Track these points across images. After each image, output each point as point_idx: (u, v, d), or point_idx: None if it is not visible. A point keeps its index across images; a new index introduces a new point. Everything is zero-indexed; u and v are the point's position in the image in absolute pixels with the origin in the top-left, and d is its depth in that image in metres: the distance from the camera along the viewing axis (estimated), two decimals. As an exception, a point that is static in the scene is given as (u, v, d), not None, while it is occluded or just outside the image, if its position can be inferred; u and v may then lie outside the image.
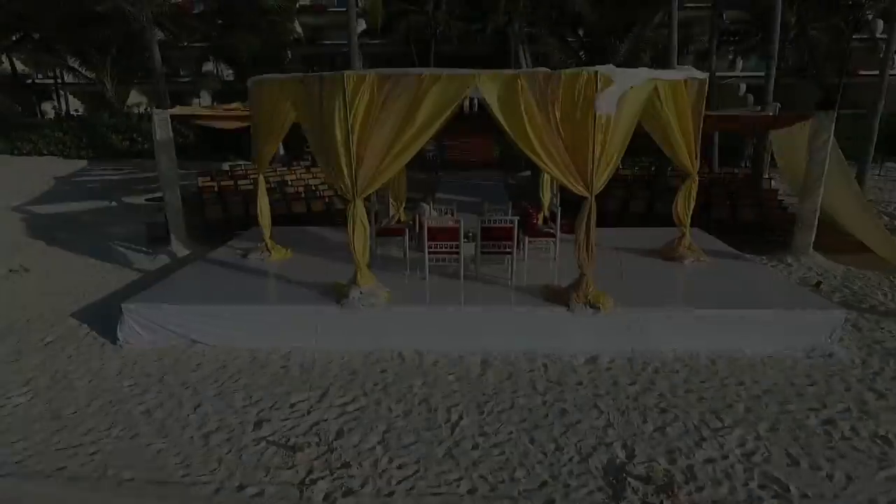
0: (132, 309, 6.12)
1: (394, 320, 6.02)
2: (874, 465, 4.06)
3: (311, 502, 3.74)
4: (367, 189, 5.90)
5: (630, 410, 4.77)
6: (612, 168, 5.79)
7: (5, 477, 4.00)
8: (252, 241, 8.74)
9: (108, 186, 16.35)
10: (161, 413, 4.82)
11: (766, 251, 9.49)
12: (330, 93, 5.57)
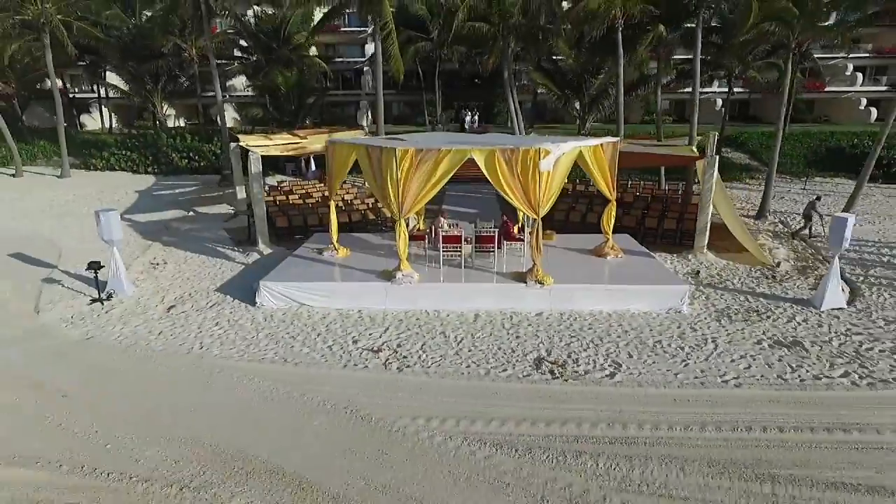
0: (264, 284, 10.15)
1: (422, 291, 10.06)
2: (674, 360, 8.08)
3: (389, 370, 7.79)
4: (406, 214, 9.94)
5: (553, 336, 8.81)
6: (552, 201, 9.82)
7: (241, 361, 8.05)
8: (317, 243, 12.76)
9: (180, 198, 20.39)
10: (298, 338, 8.86)
11: (676, 251, 13.49)
12: (387, 159, 9.60)
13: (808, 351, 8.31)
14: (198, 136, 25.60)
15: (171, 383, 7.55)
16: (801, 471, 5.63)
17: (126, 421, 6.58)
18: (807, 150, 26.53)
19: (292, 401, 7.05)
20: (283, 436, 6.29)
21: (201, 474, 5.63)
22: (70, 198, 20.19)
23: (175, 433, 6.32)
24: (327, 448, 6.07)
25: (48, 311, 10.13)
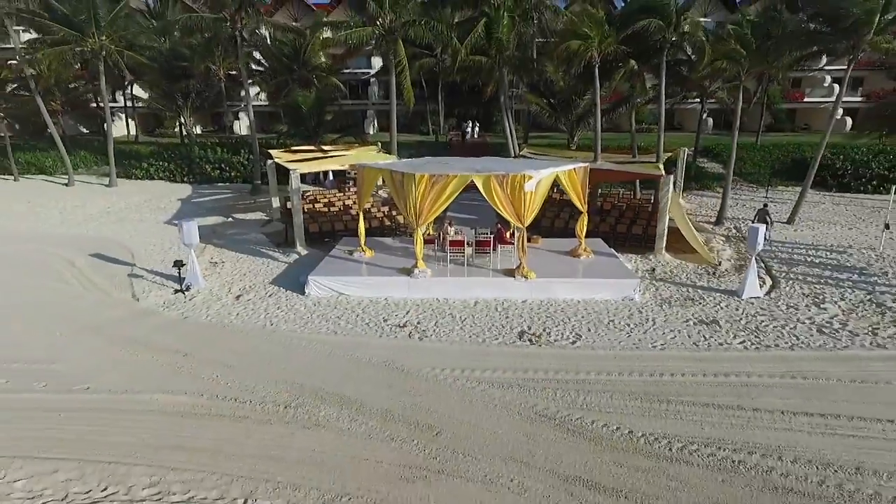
0: (312, 278, 13.08)
1: (434, 284, 12.98)
2: (621, 333, 10.99)
3: (412, 339, 10.72)
4: (422, 224, 12.86)
5: (534, 317, 11.73)
6: (534, 214, 12.72)
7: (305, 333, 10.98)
8: (346, 245, 15.68)
9: (218, 206, 23.33)
10: (342, 319, 11.79)
11: (641, 252, 16.42)
12: (408, 182, 12.51)
13: (721, 327, 11.24)
14: (226, 148, 28.55)
15: (256, 347, 10.49)
16: (689, 398, 8.56)
17: (235, 370, 9.51)
18: (774, 161, 29.42)
19: (346, 359, 9.98)
20: (344, 379, 9.22)
21: (296, 399, 8.57)
22: (123, 205, 23.14)
23: (271, 377, 9.25)
24: (375, 386, 9.00)
25: (145, 299, 13.07)
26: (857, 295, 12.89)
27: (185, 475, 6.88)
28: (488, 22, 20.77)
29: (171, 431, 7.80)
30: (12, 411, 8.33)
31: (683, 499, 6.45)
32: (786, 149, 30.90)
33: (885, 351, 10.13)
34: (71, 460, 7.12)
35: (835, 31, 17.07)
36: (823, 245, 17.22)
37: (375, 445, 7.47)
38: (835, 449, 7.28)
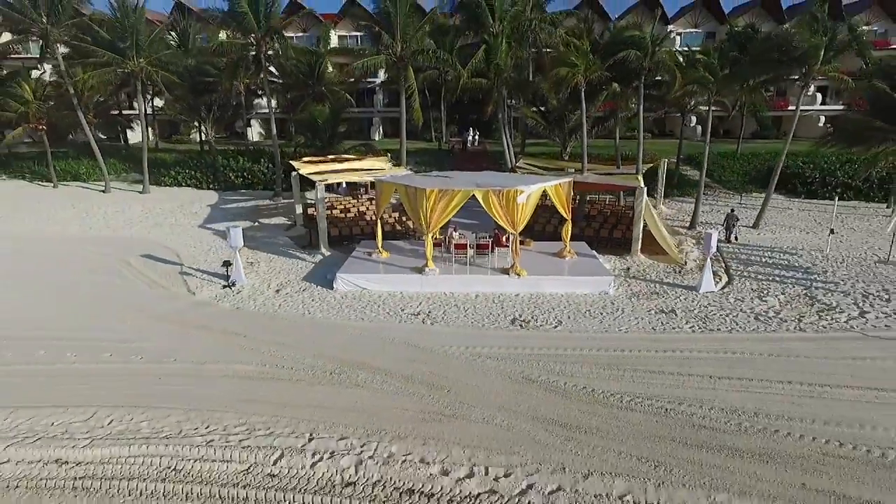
0: (340, 275, 15.60)
1: (442, 281, 15.50)
2: (594, 319, 13.52)
3: (426, 325, 13.24)
4: (432, 231, 15.38)
5: (524, 307, 14.25)
6: (525, 222, 15.24)
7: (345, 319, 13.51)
8: (365, 247, 18.19)
9: (244, 211, 25.85)
10: (367, 308, 14.31)
11: (620, 253, 18.93)
12: (420, 195, 15.03)
13: (677, 315, 13.76)
14: (247, 157, 31.08)
15: (300, 330, 13.01)
16: (641, 368, 11.06)
17: (286, 347, 12.02)
18: (750, 169, 31.91)
19: (373, 339, 12.50)
20: (373, 354, 11.73)
21: (337, 368, 11.08)
22: (158, 210, 25.67)
23: (316, 352, 11.76)
24: (398, 359, 11.51)
25: (200, 292, 15.60)
26: (795, 290, 15.41)
27: (263, 418, 9.39)
28: (487, 48, 23.30)
29: (247, 390, 10.32)
30: (123, 376, 10.86)
31: (626, 432, 8.96)
32: (763, 157, 33.34)
33: (804, 334, 12.66)
34: (178, 409, 9.64)
35: (790, 61, 19.57)
36: (779, 247, 19.73)
37: (401, 399, 10.00)
38: (743, 401, 9.79)
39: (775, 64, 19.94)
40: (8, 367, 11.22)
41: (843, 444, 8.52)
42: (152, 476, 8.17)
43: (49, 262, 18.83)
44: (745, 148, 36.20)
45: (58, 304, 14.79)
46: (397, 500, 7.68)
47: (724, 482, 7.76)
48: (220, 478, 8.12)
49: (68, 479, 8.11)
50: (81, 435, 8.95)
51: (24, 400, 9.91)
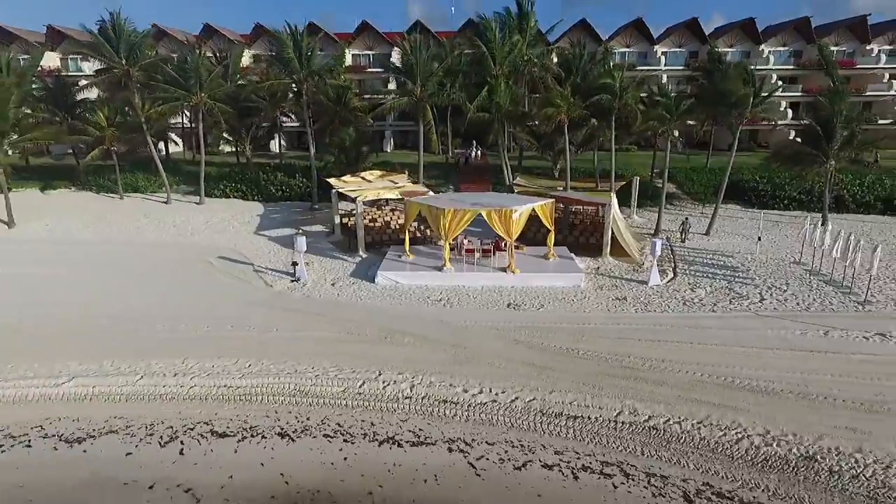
0: (380, 272, 20.88)
1: (456, 276, 20.76)
2: (567, 304, 18.77)
3: (446, 308, 18.50)
4: (449, 239, 20.64)
5: (517, 296, 19.50)
6: (518, 232, 20.50)
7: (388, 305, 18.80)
8: (395, 251, 23.42)
9: (287, 220, 31.08)
10: (402, 297, 19.58)
11: (593, 256, 24.13)
12: (439, 213, 20.29)
13: (628, 301, 19.00)
14: (284, 172, 36.34)
15: (356, 311, 18.25)
16: (596, 334, 16.29)
17: (351, 322, 17.27)
18: (716, 182, 36.98)
19: (410, 317, 17.76)
20: (412, 326, 16.95)
21: (389, 335, 16.32)
22: (217, 220, 30.94)
23: (372, 325, 16.99)
24: (429, 329, 16.75)
25: (275, 286, 20.87)
26: (720, 283, 20.63)
27: (347, 363, 14.61)
28: (490, 88, 28.49)
29: (332, 348, 15.58)
30: (245, 339, 16.13)
31: (579, 370, 14.18)
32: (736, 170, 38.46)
33: (713, 313, 17.90)
34: (290, 358, 14.87)
35: (727, 105, 24.78)
36: (721, 251, 24.94)
37: (434, 353, 15.25)
38: (657, 353, 15.02)
39: (717, 107, 25.14)
40: (165, 334, 16.51)
41: (709, 376, 13.79)
42: (286, 393, 13.45)
43: (147, 263, 24.11)
44: (716, 161, 41.29)
45: (173, 295, 20.08)
46: (436, 406, 12.94)
47: (632, 395, 13.01)
48: (327, 394, 13.40)
49: (234, 396, 13.39)
50: (235, 372, 14.25)
51: (187, 353, 15.17)
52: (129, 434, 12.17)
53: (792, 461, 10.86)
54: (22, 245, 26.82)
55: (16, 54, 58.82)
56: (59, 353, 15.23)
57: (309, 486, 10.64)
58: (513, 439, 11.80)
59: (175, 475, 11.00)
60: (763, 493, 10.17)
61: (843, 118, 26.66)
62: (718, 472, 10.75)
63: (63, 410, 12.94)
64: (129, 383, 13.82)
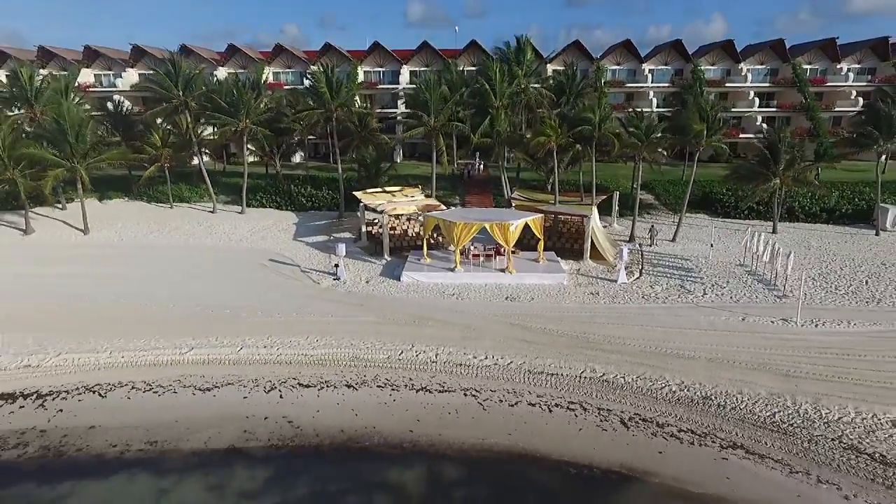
0: (405, 273, 26.31)
1: (465, 276, 26.19)
2: (551, 297, 24.19)
3: (458, 300, 23.93)
4: (459, 246, 26.06)
5: (513, 291, 24.92)
6: (515, 241, 25.91)
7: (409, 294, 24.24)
8: (415, 255, 28.84)
9: (319, 228, 36.45)
10: (424, 292, 24.99)
11: (576, 259, 29.51)
12: (452, 225, 25.72)
13: (599, 295, 24.42)
14: (312, 185, 41.73)
15: (389, 302, 23.66)
16: (571, 319, 21.70)
17: (387, 310, 22.68)
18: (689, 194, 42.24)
19: (431, 307, 23.16)
20: (433, 314, 22.34)
21: (417, 319, 21.71)
22: (259, 227, 36.33)
23: (404, 313, 22.39)
24: (447, 315, 22.15)
25: (322, 283, 26.29)
26: (674, 282, 26.01)
27: (389, 339, 20.01)
28: (491, 118, 33.85)
29: (375, 328, 20.97)
30: (310, 322, 21.53)
31: (557, 344, 19.58)
32: (700, 184, 43.73)
33: (663, 304, 23.31)
34: (346, 336, 20.27)
35: (686, 137, 30.13)
36: (681, 255, 30.31)
37: (451, 332, 20.65)
38: (616, 332, 20.41)
39: (678, 138, 30.51)
40: (250, 319, 21.91)
41: (650, 348, 19.21)
42: (346, 359, 18.87)
43: (210, 263, 29.52)
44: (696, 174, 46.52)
45: (244, 290, 25.49)
46: (454, 367, 18.36)
47: (593, 360, 18.43)
48: (376, 360, 18.83)
49: (311, 361, 18.82)
50: (308, 345, 19.68)
51: (271, 333, 20.58)
52: (242, 385, 17.60)
53: (695, 400, 16.28)
54: (103, 249, 32.27)
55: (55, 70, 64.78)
56: (172, 332, 20.66)
57: (367, 423, 15.88)
58: (508, 388, 17.22)
59: (279, 411, 16.42)
60: (672, 418, 15.58)
61: (787, 144, 32.06)
62: (646, 407, 16.16)
63: (191, 370, 18.37)
64: (233, 353, 19.27)
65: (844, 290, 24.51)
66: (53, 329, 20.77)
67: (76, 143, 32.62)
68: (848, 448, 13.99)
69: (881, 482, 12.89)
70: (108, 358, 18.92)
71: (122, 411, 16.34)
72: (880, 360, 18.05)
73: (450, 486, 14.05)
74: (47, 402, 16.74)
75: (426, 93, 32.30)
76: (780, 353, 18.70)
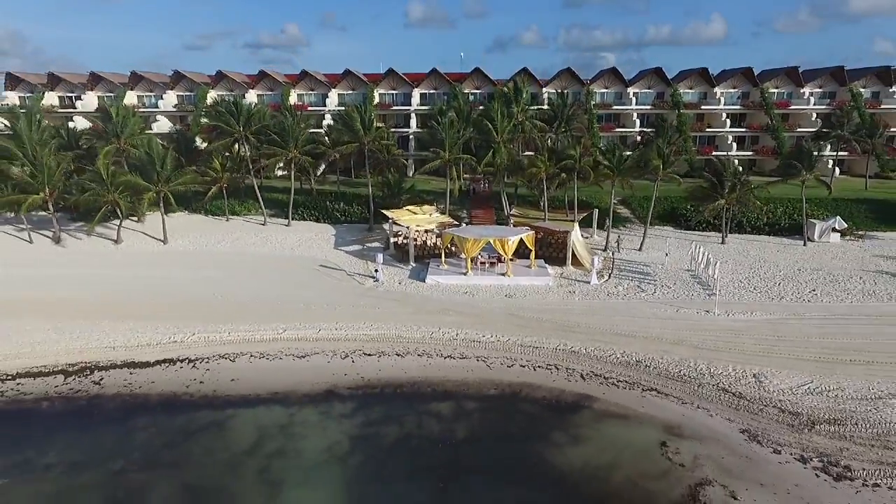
0: (429, 276, 34.53)
1: (474, 278, 34.42)
2: (539, 295, 32.43)
3: (471, 297, 32.14)
4: (469, 255, 34.26)
5: (511, 290, 33.13)
6: (512, 251, 34.13)
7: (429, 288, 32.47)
8: (435, 262, 37.03)
9: (353, 238, 44.61)
10: (446, 292, 33.19)
11: (561, 265, 37.68)
12: (465, 240, 33.94)
13: (575, 294, 32.63)
14: (344, 201, 49.91)
15: (419, 299, 31.85)
16: (553, 311, 29.91)
17: (419, 303, 30.87)
18: (660, 210, 50.31)
19: (449, 301, 31.36)
20: (451, 307, 30.52)
21: (440, 311, 29.91)
22: (305, 238, 44.48)
23: (430, 307, 30.58)
24: (463, 307, 30.34)
25: (366, 284, 34.51)
26: (633, 283, 34.18)
27: (421, 323, 28.18)
28: (494, 151, 42.03)
29: (410, 317, 29.16)
30: (363, 313, 29.74)
31: (542, 328, 27.76)
32: (669, 200, 51.80)
33: (622, 300, 31.52)
34: (390, 322, 28.47)
35: (648, 168, 38.29)
36: (643, 262, 38.47)
37: (466, 319, 28.83)
38: (585, 321, 28.59)
39: (641, 169, 38.68)
40: (320, 311, 30.06)
41: (607, 330, 27.43)
42: (392, 338, 27.10)
43: (272, 268, 37.70)
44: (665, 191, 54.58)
45: (306, 290, 33.65)
46: (469, 342, 26.60)
47: (566, 338, 26.66)
48: (414, 338, 27.05)
49: (369, 339, 27.07)
50: (365, 327, 27.92)
51: (338, 319, 28.77)
52: (325, 354, 25.80)
53: (631, 363, 24.48)
54: (184, 256, 40.50)
55: (104, 93, 73.11)
56: (265, 319, 28.83)
57: (413, 377, 24.09)
58: (506, 356, 25.43)
59: (353, 370, 24.60)
60: (614, 374, 23.77)
61: (731, 173, 40.20)
62: (598, 367, 24.35)
63: (288, 345, 26.55)
64: (315, 333, 27.48)
65: (760, 289, 32.70)
66: (183, 317, 29.00)
67: (161, 171, 40.81)
68: (721, 390, 22.20)
69: (734, 407, 21.07)
70: (228, 336, 27.15)
71: (249, 370, 24.55)
72: (762, 337, 26.24)
73: (470, 410, 22.18)
74: (197, 364, 24.96)
75: (443, 132, 40.50)
76: (696, 333, 26.90)
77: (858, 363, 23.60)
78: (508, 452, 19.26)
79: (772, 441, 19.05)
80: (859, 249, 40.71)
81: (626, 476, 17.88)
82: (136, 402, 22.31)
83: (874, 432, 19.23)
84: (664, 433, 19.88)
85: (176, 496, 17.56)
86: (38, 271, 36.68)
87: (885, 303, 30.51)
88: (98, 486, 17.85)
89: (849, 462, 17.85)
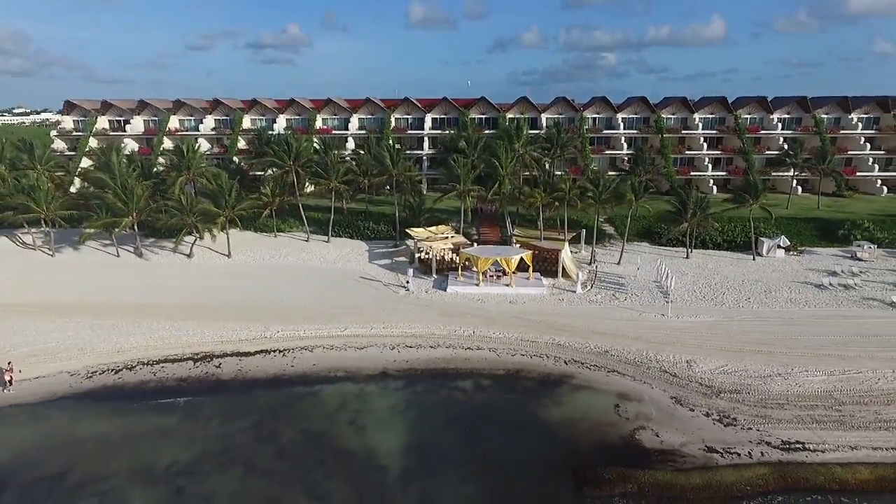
0: (449, 286, 43.93)
1: (485, 288, 43.82)
2: (535, 301, 41.80)
3: (481, 304, 41.53)
4: (481, 270, 43.65)
5: (513, 298, 42.49)
6: (515, 266, 43.52)
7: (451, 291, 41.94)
8: (453, 274, 46.40)
9: (383, 254, 53.95)
10: (463, 298, 42.58)
11: (553, 277, 47.01)
12: (478, 258, 43.33)
13: (564, 300, 42.01)
14: (372, 219, 59.27)
15: (442, 304, 41.24)
16: (545, 314, 39.27)
17: (443, 308, 40.24)
18: (638, 228, 59.37)
19: (467, 306, 40.74)
20: (467, 312, 39.86)
21: (462, 313, 39.31)
22: (343, 253, 53.82)
23: (452, 311, 39.94)
24: (474, 312, 39.68)
25: (399, 293, 43.90)
26: (609, 292, 43.52)
27: (446, 323, 37.53)
28: (499, 182, 51.41)
29: (436, 318, 38.54)
30: (402, 316, 39.10)
31: (537, 327, 37.15)
32: (647, 218, 60.86)
33: (598, 306, 40.90)
34: (422, 322, 37.81)
35: (623, 199, 47.61)
36: (619, 274, 47.77)
37: (478, 320, 38.18)
38: (570, 320, 37.92)
39: (618, 198, 48.03)
40: (369, 315, 39.48)
41: (585, 329, 36.84)
42: (426, 335, 36.52)
43: (321, 278, 47.07)
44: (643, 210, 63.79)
45: (353, 296, 43.00)
46: (482, 338, 36.02)
47: (556, 335, 36.08)
48: (440, 334, 36.50)
49: (411, 335, 36.48)
50: (406, 326, 37.33)
51: (386, 321, 38.16)
52: (377, 346, 35.18)
53: (600, 353, 33.87)
54: (248, 268, 49.92)
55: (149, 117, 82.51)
56: (326, 320, 38.21)
57: (443, 362, 33.53)
58: (510, 347, 34.83)
59: (400, 357, 34.02)
60: (588, 361, 33.17)
61: (693, 200, 49.51)
62: (578, 356, 33.74)
63: (349, 340, 35.94)
64: (368, 331, 36.86)
65: (707, 297, 42.05)
66: (265, 318, 38.41)
67: (229, 199, 50.22)
68: (662, 371, 31.58)
69: (669, 383, 30.46)
70: (303, 333, 36.56)
71: (324, 359, 33.92)
72: (699, 334, 35.62)
73: (484, 385, 31.49)
74: (286, 354, 34.38)
75: (458, 169, 49.92)
76: (651, 331, 36.26)
77: (762, 353, 32.98)
78: (512, 411, 28.68)
79: (689, 403, 28.45)
80: (797, 263, 49.99)
81: (590, 425, 27.29)
82: (250, 380, 31.75)
83: (758, 398, 28.62)
84: (618, 399, 29.30)
85: (296, 438, 26.91)
86: (140, 281, 46.18)
87: (800, 308, 39.91)
88: (244, 430, 27.26)
89: (736, 416, 27.22)
